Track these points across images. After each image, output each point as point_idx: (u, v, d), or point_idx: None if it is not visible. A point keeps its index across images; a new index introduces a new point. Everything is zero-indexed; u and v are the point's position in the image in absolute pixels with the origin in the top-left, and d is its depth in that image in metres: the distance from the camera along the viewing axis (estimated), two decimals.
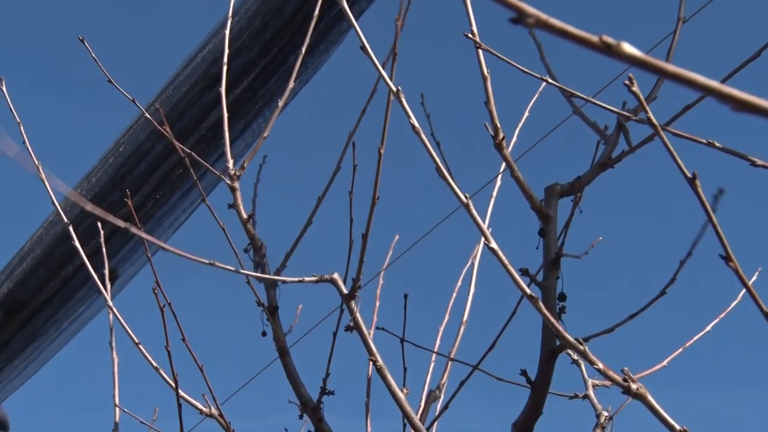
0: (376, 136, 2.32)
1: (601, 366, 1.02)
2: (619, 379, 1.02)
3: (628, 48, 0.50)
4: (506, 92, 1.73)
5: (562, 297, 1.61)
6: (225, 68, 2.09)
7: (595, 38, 0.51)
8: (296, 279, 1.49)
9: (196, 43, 2.86)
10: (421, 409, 2.11)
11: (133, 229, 1.57)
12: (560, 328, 1.03)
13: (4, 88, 1.86)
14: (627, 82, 0.78)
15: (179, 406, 1.71)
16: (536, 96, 2.23)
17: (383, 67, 1.80)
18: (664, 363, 1.88)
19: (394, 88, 1.06)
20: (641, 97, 0.83)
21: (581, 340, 1.03)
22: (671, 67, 0.50)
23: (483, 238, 1.19)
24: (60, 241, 3.04)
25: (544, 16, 0.51)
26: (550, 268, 1.58)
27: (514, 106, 2.16)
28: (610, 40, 0.51)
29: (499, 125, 1.51)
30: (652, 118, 0.93)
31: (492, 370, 2.02)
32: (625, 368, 1.06)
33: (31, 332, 3.20)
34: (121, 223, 1.47)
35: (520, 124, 2.19)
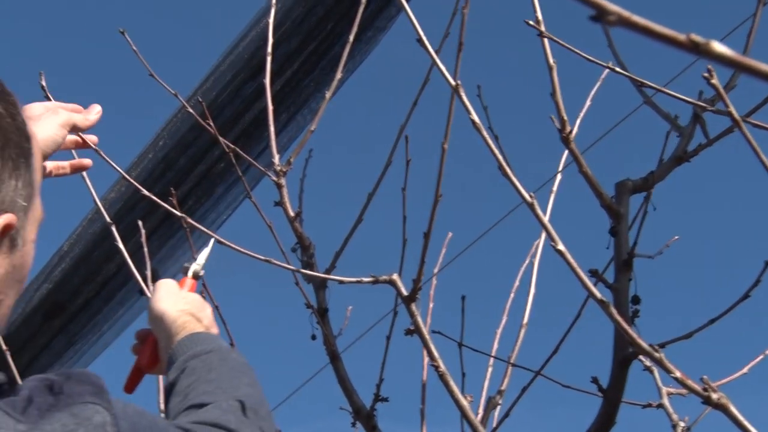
0: (427, 128, 2.33)
1: (678, 374, 1.02)
2: (698, 388, 1.02)
3: (717, 47, 0.50)
4: (568, 84, 1.73)
5: (636, 300, 1.60)
6: (269, 58, 2.12)
7: (682, 37, 0.51)
8: (354, 279, 1.51)
9: (236, 33, 2.89)
10: (480, 416, 2.11)
11: (186, 221, 1.60)
12: (634, 335, 1.03)
13: (43, 83, 1.90)
14: (706, 74, 0.78)
15: None
16: (598, 84, 2.21)
17: (437, 55, 1.80)
18: (745, 370, 1.86)
19: (453, 83, 1.07)
20: (721, 89, 0.83)
21: (657, 347, 1.03)
22: (764, 67, 0.50)
23: (548, 239, 1.20)
24: (99, 239, 3.10)
25: (626, 13, 0.52)
26: (621, 270, 1.57)
27: (577, 98, 2.15)
28: (698, 38, 0.51)
29: (566, 118, 1.51)
30: (732, 109, 0.93)
31: (555, 377, 2.02)
32: (705, 377, 1.06)
33: (70, 335, 3.27)
34: (176, 212, 1.50)
35: (582, 114, 2.18)
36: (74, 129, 1.20)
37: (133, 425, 0.76)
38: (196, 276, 1.51)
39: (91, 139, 1.26)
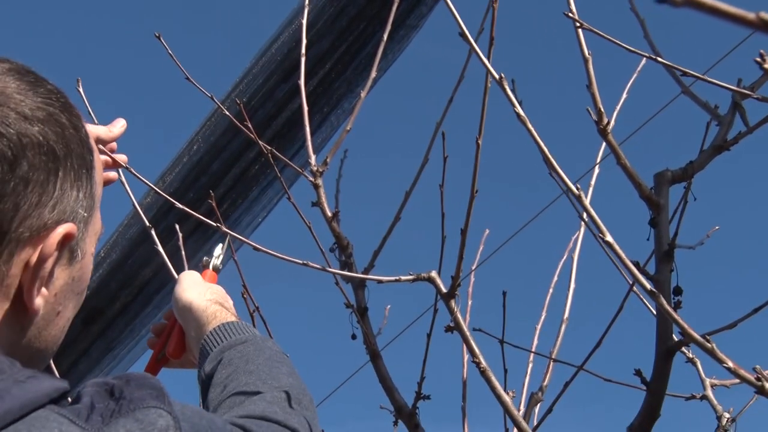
0: (463, 124, 2.33)
1: (731, 364, 1.01)
2: (751, 377, 1.01)
3: None
4: (603, 76, 1.72)
5: (678, 291, 1.59)
6: (303, 59, 2.12)
7: (751, 15, 0.51)
8: (392, 278, 1.51)
9: (267, 35, 2.90)
10: (522, 412, 2.11)
11: (223, 228, 1.61)
12: (685, 325, 1.02)
13: (81, 89, 1.93)
14: (758, 59, 0.77)
15: None
16: (635, 75, 2.20)
17: (469, 53, 1.80)
18: None
19: (497, 76, 1.07)
20: None
21: (708, 337, 1.02)
22: None
23: (592, 232, 1.19)
24: (135, 244, 3.13)
25: None
26: (662, 261, 1.56)
27: (613, 90, 2.14)
28: None
29: (602, 109, 1.50)
30: None
31: (597, 372, 2.00)
32: (758, 366, 1.05)
33: (108, 341, 3.29)
34: (211, 223, 1.51)
35: (619, 106, 2.17)
36: (98, 141, 1.20)
37: (193, 426, 0.76)
38: (216, 269, 1.53)
39: (121, 158, 1.26)
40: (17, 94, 0.78)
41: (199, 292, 1.29)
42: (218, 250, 1.60)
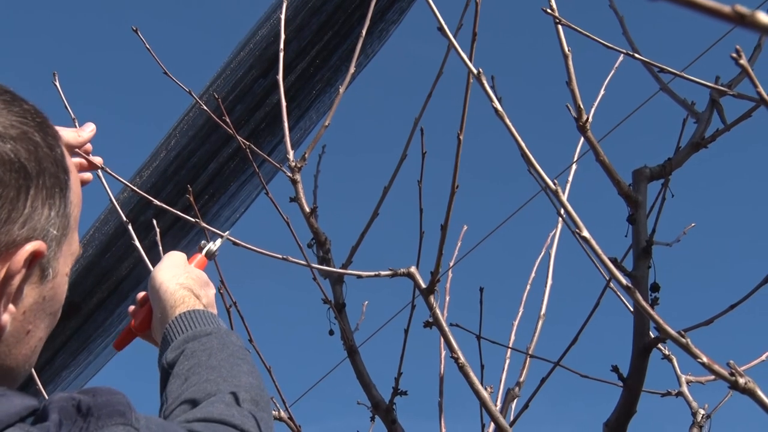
0: (441, 121, 2.32)
1: (705, 359, 1.02)
2: (725, 373, 1.01)
3: (763, 18, 0.50)
4: (581, 73, 1.73)
5: (656, 288, 1.59)
6: (282, 54, 2.11)
7: (727, 9, 0.51)
8: (372, 273, 1.50)
9: (245, 31, 2.89)
10: (498, 407, 2.11)
11: (201, 223, 1.60)
12: (660, 321, 1.03)
13: (57, 83, 1.91)
14: (735, 54, 0.77)
15: None
16: (613, 71, 2.20)
17: (452, 46, 1.80)
18: (764, 357, 1.85)
19: (475, 71, 1.07)
20: (749, 69, 0.82)
21: (683, 333, 1.02)
22: None
23: (569, 228, 1.19)
24: (112, 239, 3.11)
25: None
26: (640, 257, 1.57)
27: (591, 87, 2.15)
28: (743, 10, 0.51)
29: (582, 106, 1.50)
30: (761, 88, 0.92)
31: (573, 368, 2.01)
32: (731, 362, 1.05)
33: (85, 336, 3.27)
34: (189, 218, 1.50)
35: (597, 102, 2.17)
36: (67, 147, 1.20)
37: None
38: (209, 255, 1.50)
39: (97, 160, 1.25)
40: None
41: (174, 274, 1.27)
42: (219, 241, 1.56)
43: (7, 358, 0.82)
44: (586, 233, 1.05)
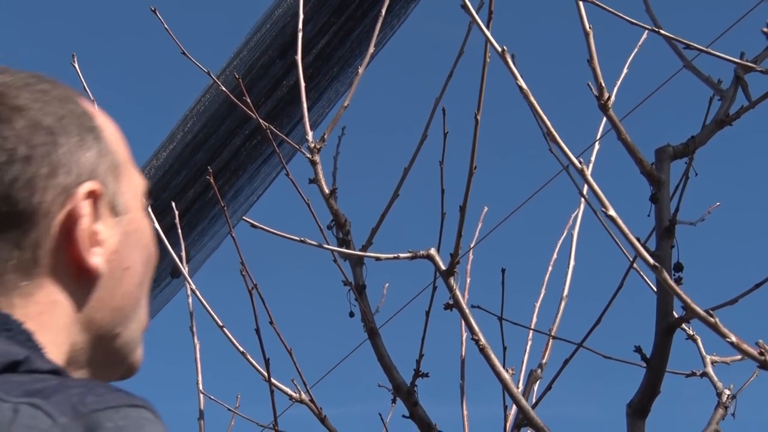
0: (462, 101, 2.32)
1: (734, 339, 1.02)
2: (754, 352, 1.01)
3: None
4: (604, 51, 1.72)
5: (679, 267, 1.59)
6: (300, 34, 2.12)
7: None
8: (391, 256, 1.51)
9: (262, 10, 2.89)
10: (521, 389, 2.12)
11: (221, 206, 1.61)
12: (688, 299, 1.03)
13: (76, 65, 1.92)
14: (766, 29, 0.77)
15: (272, 392, 1.75)
16: (636, 49, 2.20)
17: (473, 24, 1.80)
18: None
19: (499, 48, 1.07)
20: None
21: (711, 312, 1.03)
22: None
23: (593, 207, 1.19)
24: None
25: None
26: (663, 237, 1.57)
27: (614, 65, 2.14)
28: None
29: (603, 84, 1.50)
30: None
31: (596, 349, 2.02)
32: (761, 341, 1.06)
33: None
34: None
35: (619, 81, 2.16)
36: None
37: None
38: None
39: None
40: (2, 89, 0.82)
41: None
42: None
43: (113, 299, 0.84)
44: (612, 212, 1.05)
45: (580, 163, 1.06)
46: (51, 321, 0.80)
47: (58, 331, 0.80)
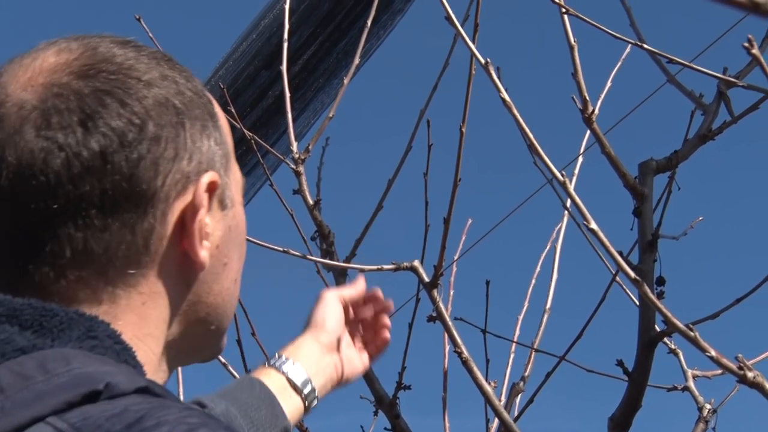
0: (446, 113, 2.33)
1: (713, 353, 1.02)
2: (734, 367, 1.02)
3: None
4: (587, 65, 1.73)
5: (661, 281, 1.60)
6: (286, 45, 2.11)
7: None
8: (375, 267, 1.51)
9: (248, 20, 2.89)
10: (503, 402, 2.11)
11: None
12: (669, 313, 1.03)
13: None
14: (746, 44, 0.77)
15: None
16: (620, 62, 2.20)
17: (458, 37, 1.80)
18: None
19: (483, 60, 1.07)
20: (761, 58, 0.82)
21: (691, 326, 1.03)
22: None
23: (575, 220, 1.19)
24: None
25: None
26: (646, 251, 1.57)
27: (597, 79, 2.14)
28: None
29: (588, 98, 1.51)
30: None
31: (579, 362, 2.02)
32: (740, 355, 1.06)
33: None
34: None
35: (603, 94, 2.17)
36: (353, 302, 1.24)
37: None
38: None
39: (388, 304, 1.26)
40: (128, 61, 0.79)
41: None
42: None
43: (210, 295, 0.82)
44: (594, 225, 1.05)
45: (562, 176, 1.06)
46: (152, 313, 0.77)
47: (158, 323, 0.78)
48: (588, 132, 1.97)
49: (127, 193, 0.75)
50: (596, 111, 1.59)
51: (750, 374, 1.04)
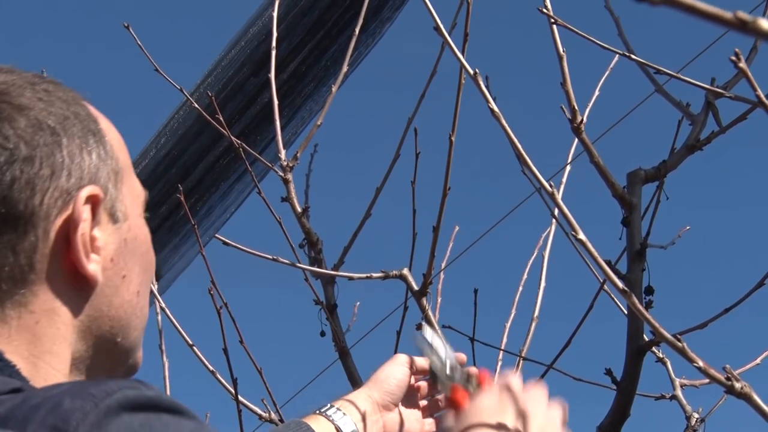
0: (434, 121, 2.33)
1: (701, 364, 1.02)
2: (721, 377, 1.02)
3: (765, 24, 0.50)
4: (575, 75, 1.73)
5: (650, 291, 1.60)
6: (274, 52, 2.11)
7: (729, 15, 0.51)
8: (364, 275, 1.50)
9: (236, 28, 2.89)
10: None
11: (192, 224, 1.60)
12: (656, 324, 1.03)
13: None
14: (734, 57, 0.77)
15: (239, 412, 1.74)
16: (608, 72, 2.21)
17: (446, 45, 1.80)
18: (758, 360, 1.86)
19: (471, 71, 1.07)
20: (748, 72, 0.83)
21: (679, 337, 1.03)
22: None
23: (563, 230, 1.20)
24: None
25: None
26: (634, 260, 1.57)
27: (585, 89, 2.15)
28: (745, 16, 0.51)
29: (576, 107, 1.51)
30: (761, 94, 0.93)
31: (567, 371, 2.02)
32: (728, 366, 1.06)
33: None
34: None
35: (591, 104, 2.18)
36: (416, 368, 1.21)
37: None
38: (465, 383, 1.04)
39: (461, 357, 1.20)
40: (1, 86, 0.80)
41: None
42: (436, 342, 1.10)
43: (111, 308, 0.82)
44: (582, 236, 1.05)
45: (550, 186, 1.06)
46: (47, 331, 0.78)
47: (56, 340, 0.78)
48: (576, 141, 1.98)
49: (3, 215, 0.76)
50: (585, 120, 1.59)
51: (738, 385, 1.04)
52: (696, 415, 1.77)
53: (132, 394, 0.66)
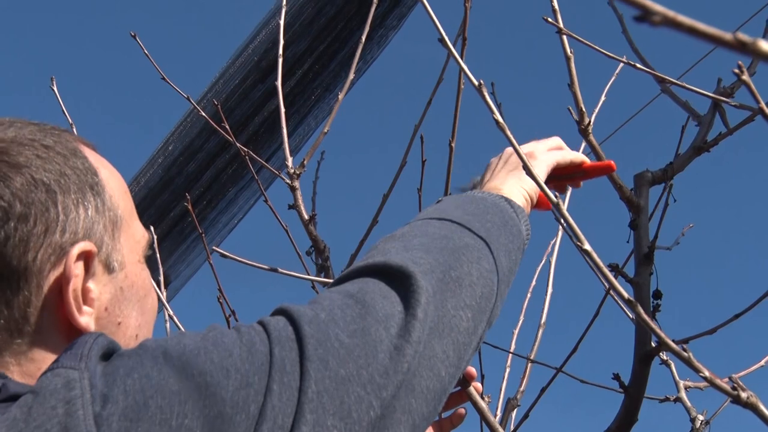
0: (441, 127, 2.33)
1: (707, 374, 1.02)
2: (727, 387, 1.01)
3: (764, 46, 0.50)
4: (583, 76, 1.73)
5: (658, 294, 1.59)
6: (281, 60, 2.11)
7: (728, 36, 0.51)
8: None
9: (243, 36, 2.89)
10: (498, 417, 2.11)
11: (199, 232, 1.60)
12: (662, 334, 1.03)
13: (54, 88, 1.91)
14: (737, 70, 0.77)
15: None
16: (613, 78, 2.21)
17: (448, 58, 1.80)
18: (762, 363, 1.85)
19: (476, 82, 1.07)
20: (752, 84, 0.82)
21: (685, 347, 1.03)
22: None
23: (570, 239, 1.19)
24: None
25: (671, 13, 0.52)
26: (642, 263, 1.57)
27: (592, 90, 2.15)
28: (745, 38, 0.51)
29: (584, 109, 1.50)
30: (764, 105, 0.93)
31: (574, 375, 2.01)
32: (734, 375, 1.06)
33: None
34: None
35: (597, 107, 2.18)
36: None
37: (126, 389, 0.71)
38: None
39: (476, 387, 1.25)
40: (1, 144, 0.82)
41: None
42: None
43: None
44: (587, 246, 1.05)
45: (555, 197, 1.06)
46: None
47: None
48: (583, 143, 1.97)
49: None
50: (592, 122, 1.59)
51: (744, 394, 1.04)
52: (701, 418, 1.76)
53: None
